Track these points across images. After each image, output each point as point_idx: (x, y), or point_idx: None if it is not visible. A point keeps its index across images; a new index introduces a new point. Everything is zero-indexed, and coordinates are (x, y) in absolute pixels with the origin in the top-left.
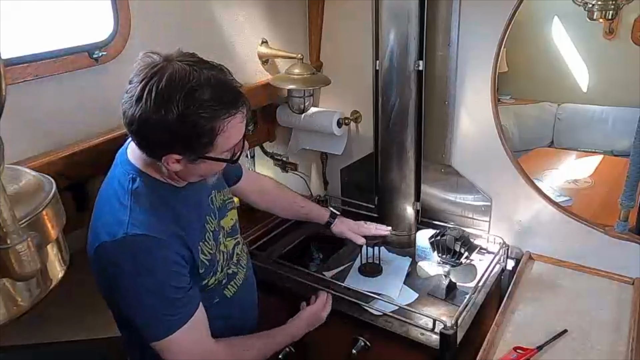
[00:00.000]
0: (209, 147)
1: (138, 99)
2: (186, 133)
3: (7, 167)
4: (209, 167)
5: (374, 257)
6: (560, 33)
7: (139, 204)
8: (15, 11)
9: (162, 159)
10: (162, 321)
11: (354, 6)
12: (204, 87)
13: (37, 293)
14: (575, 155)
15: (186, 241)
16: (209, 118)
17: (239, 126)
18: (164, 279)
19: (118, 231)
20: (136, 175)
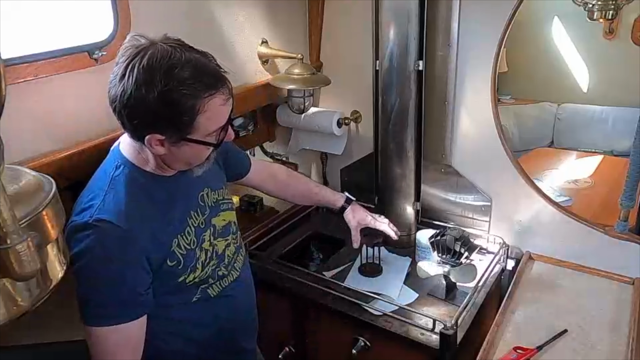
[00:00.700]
0: (190, 128)
1: (121, 77)
2: (167, 111)
3: (7, 167)
4: (194, 152)
5: (374, 257)
6: (560, 33)
7: (114, 191)
8: (15, 11)
9: (145, 140)
10: (97, 307)
11: (354, 6)
12: (185, 66)
13: (37, 293)
14: (575, 155)
15: (156, 233)
16: (189, 95)
17: (221, 108)
18: (116, 269)
19: (86, 214)
20: (121, 164)
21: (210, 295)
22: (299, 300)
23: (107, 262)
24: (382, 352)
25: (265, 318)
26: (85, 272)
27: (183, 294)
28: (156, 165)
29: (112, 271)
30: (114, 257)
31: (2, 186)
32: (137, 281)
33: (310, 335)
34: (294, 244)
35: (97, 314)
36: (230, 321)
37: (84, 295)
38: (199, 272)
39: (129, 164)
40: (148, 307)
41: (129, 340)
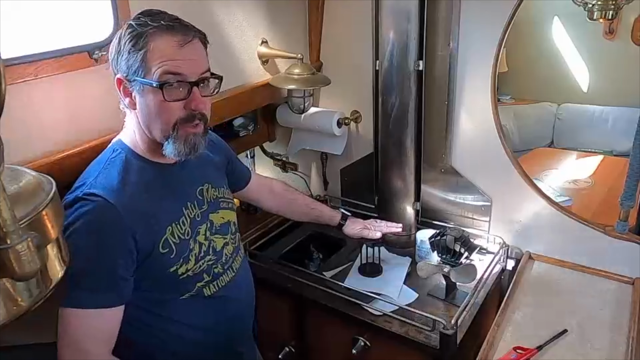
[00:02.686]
0: (142, 65)
1: None
2: (125, 44)
3: (7, 167)
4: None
5: (374, 257)
6: (560, 33)
7: (108, 171)
8: (15, 11)
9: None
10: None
11: (354, 6)
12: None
13: (37, 293)
14: (575, 155)
15: (147, 216)
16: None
17: (174, 49)
18: (97, 241)
19: (78, 190)
20: (119, 148)
21: (204, 295)
22: (299, 300)
23: (90, 234)
24: (382, 352)
25: (265, 318)
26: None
27: (176, 288)
28: (140, 141)
29: (92, 243)
30: (98, 229)
31: (2, 186)
32: (118, 262)
33: (310, 335)
34: (294, 244)
35: (71, 294)
36: (224, 323)
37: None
38: (192, 264)
39: (127, 148)
40: (124, 298)
41: (98, 330)
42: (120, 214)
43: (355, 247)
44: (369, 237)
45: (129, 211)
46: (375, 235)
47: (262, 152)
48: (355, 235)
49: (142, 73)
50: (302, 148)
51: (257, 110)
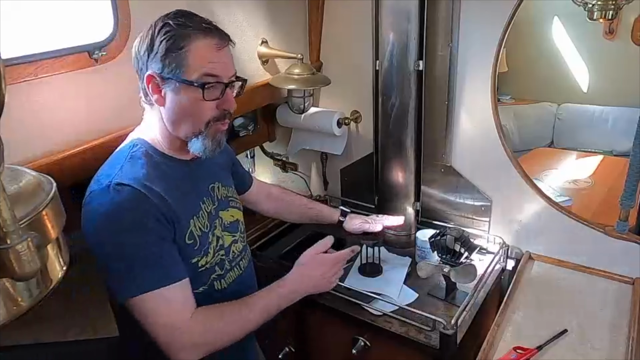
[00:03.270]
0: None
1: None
2: (161, 43)
3: (7, 167)
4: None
5: (374, 257)
6: (560, 33)
7: (131, 163)
8: (15, 11)
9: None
10: (138, 276)
11: (354, 6)
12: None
13: (37, 293)
14: (575, 155)
15: (173, 208)
16: (181, 29)
17: (211, 53)
18: (143, 234)
19: (105, 181)
20: (138, 143)
21: (215, 288)
22: (298, 300)
23: (136, 224)
24: (382, 352)
25: None
26: (118, 239)
27: (194, 281)
28: (162, 138)
29: (143, 233)
30: (139, 218)
31: (2, 186)
32: (163, 244)
33: (310, 335)
34: (294, 244)
35: (134, 282)
36: None
37: (123, 263)
38: (210, 257)
39: (145, 142)
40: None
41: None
42: (153, 202)
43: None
44: (370, 230)
45: (159, 200)
46: (375, 228)
47: (262, 152)
48: (355, 231)
49: (180, 72)
50: (302, 148)
51: (257, 110)
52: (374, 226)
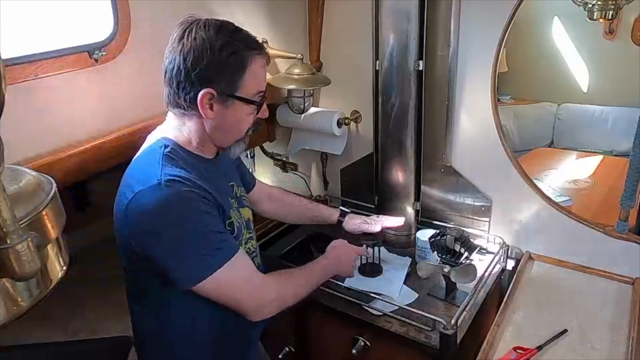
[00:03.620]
0: (239, 82)
1: (179, 40)
2: (223, 60)
3: (7, 167)
4: (237, 118)
5: (374, 257)
6: (560, 33)
7: (169, 162)
8: (15, 11)
9: (198, 97)
10: (206, 259)
11: (354, 6)
12: (235, 27)
13: (37, 293)
14: (575, 155)
15: (217, 199)
16: (242, 49)
17: (263, 70)
18: (202, 218)
19: (152, 180)
20: (168, 144)
21: None
22: (299, 300)
23: (193, 213)
24: (382, 352)
25: None
26: (178, 230)
27: None
28: (198, 142)
29: (199, 219)
30: (195, 207)
31: (2, 186)
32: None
33: (310, 335)
34: (294, 244)
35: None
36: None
37: (189, 251)
38: (242, 248)
39: (173, 142)
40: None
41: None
42: (202, 193)
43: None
44: (369, 230)
45: (206, 193)
46: (375, 229)
47: (262, 152)
48: (355, 231)
49: (238, 90)
50: (302, 148)
51: None
52: (374, 227)
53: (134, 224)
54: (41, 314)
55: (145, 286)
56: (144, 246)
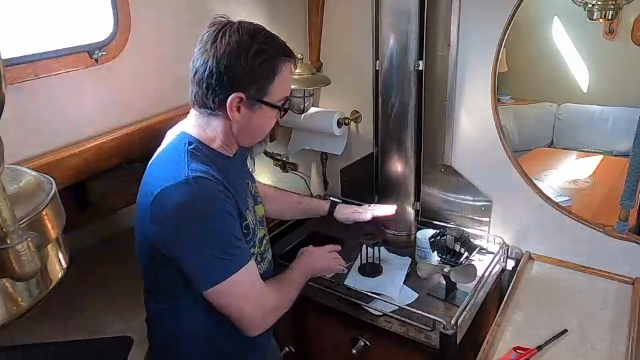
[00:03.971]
0: (268, 88)
1: (212, 42)
2: (256, 66)
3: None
4: (263, 121)
5: (374, 257)
6: (560, 33)
7: (195, 159)
8: (15, 11)
9: (228, 100)
10: (223, 262)
11: (353, 6)
12: (267, 33)
13: (37, 293)
14: (575, 155)
15: (236, 198)
16: (273, 55)
17: (290, 77)
18: (225, 219)
19: (179, 176)
20: (192, 141)
21: None
22: (299, 300)
23: (217, 213)
24: (382, 352)
25: None
26: (201, 229)
27: None
28: (222, 141)
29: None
30: (219, 207)
31: (2, 186)
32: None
33: (310, 335)
34: (294, 244)
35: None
36: None
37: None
38: (257, 248)
39: (197, 141)
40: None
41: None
42: (226, 192)
43: (355, 247)
44: (360, 219)
45: (228, 191)
46: (365, 217)
47: (262, 152)
48: (346, 220)
49: (266, 95)
50: (302, 148)
51: None
52: (364, 215)
53: (158, 220)
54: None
55: (163, 284)
56: (165, 242)
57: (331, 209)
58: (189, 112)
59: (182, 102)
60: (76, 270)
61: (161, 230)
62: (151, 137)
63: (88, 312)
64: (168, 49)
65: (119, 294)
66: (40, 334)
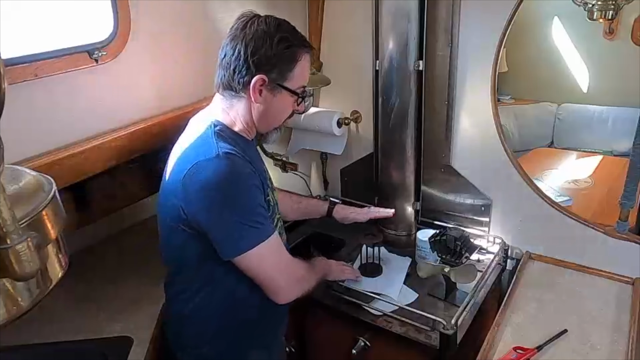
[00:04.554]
0: (288, 74)
1: (242, 29)
2: (279, 52)
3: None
4: (281, 106)
5: (374, 257)
6: (560, 33)
7: (222, 139)
8: (15, 11)
9: (252, 82)
10: (253, 230)
11: (354, 6)
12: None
13: (37, 293)
14: (575, 155)
15: (260, 177)
16: (295, 44)
17: (308, 66)
18: (252, 191)
19: (210, 153)
20: (217, 123)
21: None
22: (299, 300)
23: (246, 186)
24: (382, 352)
25: None
26: (231, 200)
27: None
28: (242, 124)
29: (251, 192)
30: (249, 181)
31: (2, 186)
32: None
33: (310, 335)
34: (294, 244)
35: (257, 233)
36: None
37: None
38: (277, 228)
39: (221, 123)
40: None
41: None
42: (252, 168)
43: (355, 247)
44: (358, 220)
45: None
46: (363, 218)
47: (262, 152)
48: (344, 220)
49: (286, 81)
50: (302, 148)
51: None
52: (362, 216)
53: (190, 193)
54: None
55: (185, 265)
56: (196, 213)
57: (330, 210)
58: (189, 112)
59: (182, 102)
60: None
61: (194, 201)
62: (151, 137)
63: (88, 312)
64: (168, 49)
65: (119, 294)
66: (40, 334)
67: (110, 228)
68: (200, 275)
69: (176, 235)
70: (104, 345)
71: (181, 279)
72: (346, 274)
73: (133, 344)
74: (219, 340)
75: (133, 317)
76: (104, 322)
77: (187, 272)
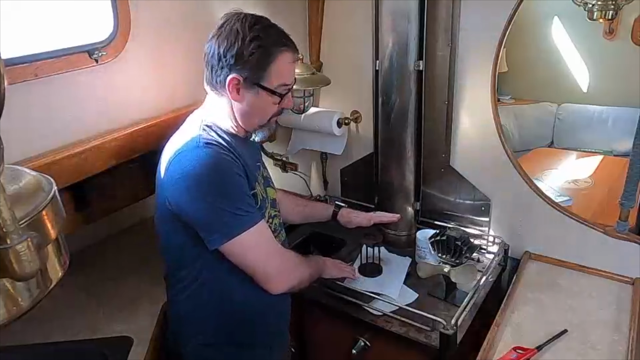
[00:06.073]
0: (263, 73)
1: (219, 27)
2: (251, 51)
3: (7, 167)
4: (261, 104)
5: (374, 257)
6: (560, 33)
7: (207, 132)
8: (15, 11)
9: (227, 81)
10: (238, 217)
11: (354, 6)
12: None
13: (37, 293)
14: (575, 155)
15: (246, 168)
16: (268, 44)
17: (289, 66)
18: (234, 178)
19: (192, 143)
20: (208, 121)
21: None
22: (299, 300)
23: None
24: (382, 352)
25: None
26: (212, 188)
27: None
28: (229, 121)
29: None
30: (229, 170)
31: (2, 186)
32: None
33: (310, 335)
34: (294, 244)
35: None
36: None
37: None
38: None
39: (212, 121)
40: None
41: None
42: (234, 158)
43: (355, 247)
44: (362, 224)
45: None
46: (368, 223)
47: (262, 152)
48: (348, 224)
49: (263, 80)
50: (302, 148)
51: None
52: (367, 221)
53: (173, 183)
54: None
55: (183, 259)
56: (180, 203)
57: (335, 214)
58: (189, 112)
59: (182, 102)
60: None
61: (176, 191)
62: (151, 136)
63: (88, 312)
64: (167, 49)
65: (119, 293)
66: (40, 334)
67: (110, 228)
68: (199, 275)
69: (175, 235)
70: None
71: (180, 278)
72: (344, 272)
73: (133, 344)
74: (219, 340)
75: (133, 317)
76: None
77: (185, 271)
